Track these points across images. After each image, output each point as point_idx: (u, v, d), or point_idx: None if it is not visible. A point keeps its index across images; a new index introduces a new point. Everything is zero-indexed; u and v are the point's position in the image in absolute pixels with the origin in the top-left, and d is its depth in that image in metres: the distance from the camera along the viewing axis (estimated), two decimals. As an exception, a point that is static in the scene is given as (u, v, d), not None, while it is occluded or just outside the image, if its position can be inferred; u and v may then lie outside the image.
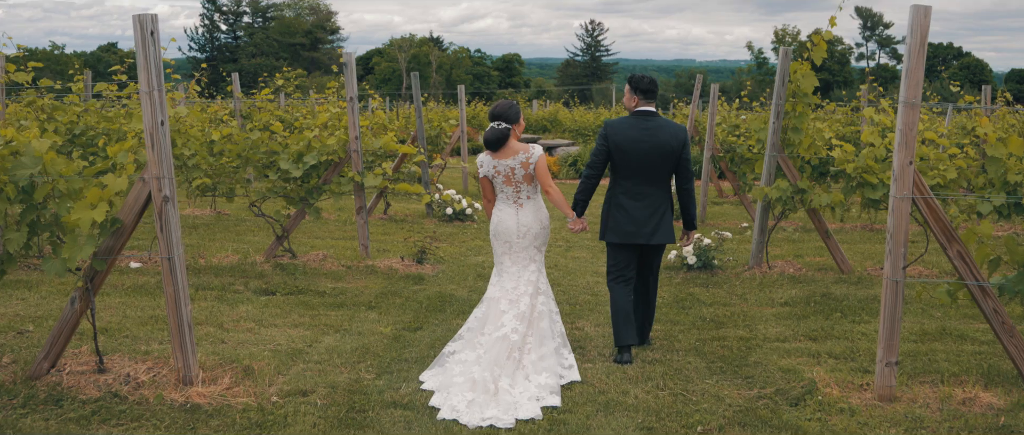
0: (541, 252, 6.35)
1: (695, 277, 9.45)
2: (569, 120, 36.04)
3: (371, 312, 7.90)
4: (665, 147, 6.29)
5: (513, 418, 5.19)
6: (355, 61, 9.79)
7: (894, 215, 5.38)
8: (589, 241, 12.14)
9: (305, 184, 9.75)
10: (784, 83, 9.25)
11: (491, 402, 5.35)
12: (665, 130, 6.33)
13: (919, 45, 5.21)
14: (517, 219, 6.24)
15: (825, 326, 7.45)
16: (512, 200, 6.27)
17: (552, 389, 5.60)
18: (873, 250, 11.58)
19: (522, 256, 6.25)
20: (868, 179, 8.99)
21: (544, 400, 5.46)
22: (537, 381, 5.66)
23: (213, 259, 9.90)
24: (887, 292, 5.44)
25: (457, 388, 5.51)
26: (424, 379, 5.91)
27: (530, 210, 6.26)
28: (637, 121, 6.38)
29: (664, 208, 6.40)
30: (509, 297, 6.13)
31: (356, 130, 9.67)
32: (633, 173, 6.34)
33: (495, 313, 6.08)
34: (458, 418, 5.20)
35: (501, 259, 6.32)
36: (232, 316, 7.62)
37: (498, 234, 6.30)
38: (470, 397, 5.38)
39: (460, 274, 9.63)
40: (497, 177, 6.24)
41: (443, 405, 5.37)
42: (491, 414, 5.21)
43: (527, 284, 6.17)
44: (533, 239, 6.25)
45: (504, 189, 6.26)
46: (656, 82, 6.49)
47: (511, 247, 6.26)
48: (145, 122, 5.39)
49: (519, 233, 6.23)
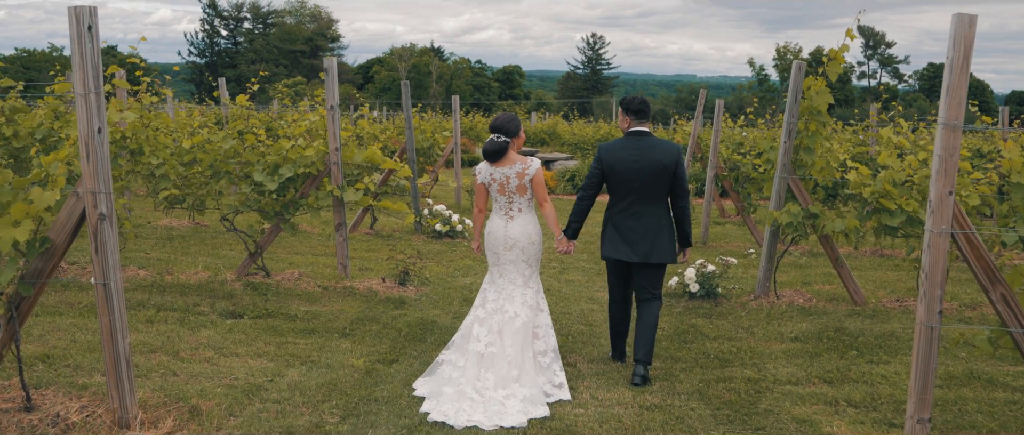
0: (532, 267, 6.32)
1: (697, 306, 8.78)
2: (568, 133, 35.42)
3: (344, 340, 7.23)
4: (658, 166, 6.32)
5: (497, 424, 5.31)
6: (337, 66, 9.11)
7: (930, 252, 4.71)
8: (584, 263, 11.47)
9: (281, 198, 9.09)
10: (796, 99, 8.60)
11: (478, 409, 5.49)
12: (658, 149, 6.37)
13: (962, 58, 4.57)
14: (505, 231, 6.24)
15: (841, 367, 6.77)
16: (504, 211, 6.28)
17: (536, 401, 5.64)
18: (885, 278, 10.92)
19: (511, 270, 6.25)
20: (886, 204, 8.34)
21: (530, 412, 5.50)
22: (522, 394, 5.68)
23: (181, 276, 9.22)
24: (920, 340, 4.77)
25: (446, 397, 5.64)
26: (416, 386, 5.99)
27: (519, 224, 6.24)
28: (630, 142, 6.42)
29: (661, 226, 6.42)
30: (492, 308, 6.15)
31: (337, 141, 9.00)
32: (628, 193, 6.38)
33: (478, 323, 6.10)
34: (446, 421, 5.35)
35: (491, 270, 6.35)
36: (191, 342, 6.94)
37: (487, 243, 6.35)
38: (457, 406, 5.52)
39: (445, 298, 8.96)
40: (492, 185, 6.25)
41: (434, 410, 5.50)
42: (477, 418, 5.37)
43: (511, 298, 6.16)
44: (521, 253, 6.23)
45: (498, 199, 6.27)
46: (647, 102, 6.57)
47: (498, 258, 6.27)
48: (80, 129, 4.73)
49: (505, 245, 6.23)
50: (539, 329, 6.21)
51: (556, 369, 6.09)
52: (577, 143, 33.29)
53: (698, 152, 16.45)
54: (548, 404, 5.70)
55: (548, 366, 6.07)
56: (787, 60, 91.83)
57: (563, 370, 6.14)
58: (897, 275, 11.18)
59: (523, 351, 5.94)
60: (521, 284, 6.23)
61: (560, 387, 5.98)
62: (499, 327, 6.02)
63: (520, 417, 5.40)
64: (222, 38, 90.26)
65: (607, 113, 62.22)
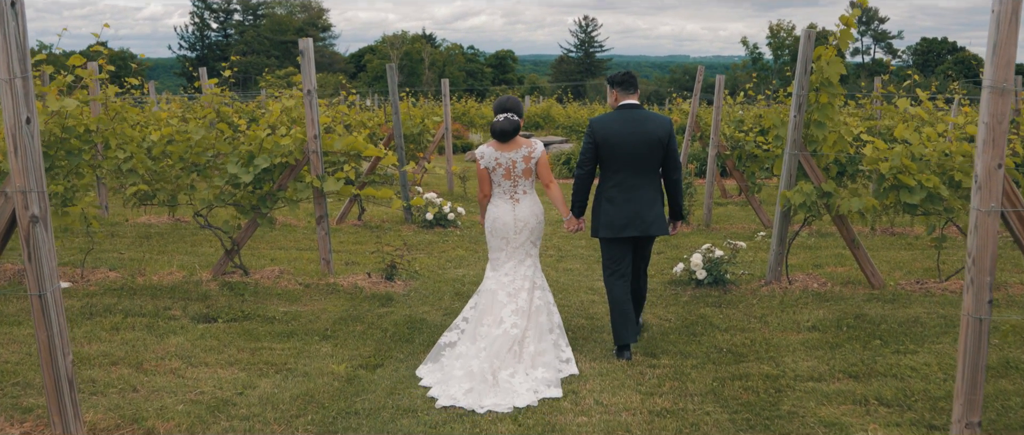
0: (536, 247, 6.35)
1: (705, 295, 8.20)
2: (562, 116, 34.81)
3: (325, 344, 6.65)
4: (651, 137, 6.26)
5: (511, 405, 5.21)
6: (312, 50, 8.48)
7: (978, 233, 4.13)
8: (583, 250, 10.90)
9: (257, 190, 8.50)
10: (806, 71, 8.01)
11: (490, 391, 5.37)
12: (650, 121, 6.31)
13: (1011, 11, 3.98)
14: (514, 214, 6.22)
15: (865, 359, 6.21)
16: (508, 195, 6.25)
17: (549, 382, 5.58)
18: (899, 258, 10.35)
19: (518, 252, 6.25)
20: (904, 180, 7.77)
21: (541, 393, 5.43)
22: (535, 375, 5.62)
23: (153, 277, 8.64)
24: (968, 334, 4.20)
25: (455, 380, 5.51)
26: (421, 374, 5.84)
27: (526, 205, 6.25)
28: (621, 115, 6.35)
29: (656, 199, 6.38)
30: (507, 290, 6.12)
31: (315, 128, 8.40)
32: (622, 166, 6.31)
33: (494, 305, 6.07)
34: (456, 404, 5.23)
35: (497, 254, 6.30)
36: (158, 351, 6.37)
37: (495, 230, 6.26)
38: (468, 386, 5.40)
39: (435, 292, 8.38)
40: (497, 170, 6.21)
41: (441, 395, 5.37)
42: (490, 402, 5.23)
43: (523, 279, 6.17)
44: (529, 234, 6.26)
45: (502, 183, 6.23)
46: (632, 74, 6.52)
47: (508, 243, 6.24)
48: (5, 120, 4.14)
49: (516, 229, 6.22)
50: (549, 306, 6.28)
51: (562, 345, 6.11)
52: (572, 126, 32.66)
53: (697, 131, 15.85)
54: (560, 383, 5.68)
55: (555, 342, 6.07)
56: (780, 38, 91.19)
57: (569, 345, 6.18)
58: (911, 254, 10.62)
59: (541, 330, 6.00)
60: (529, 264, 6.27)
61: (568, 362, 5.98)
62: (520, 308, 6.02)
63: (530, 396, 5.35)
64: (212, 31, 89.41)
65: (601, 96, 61.49)
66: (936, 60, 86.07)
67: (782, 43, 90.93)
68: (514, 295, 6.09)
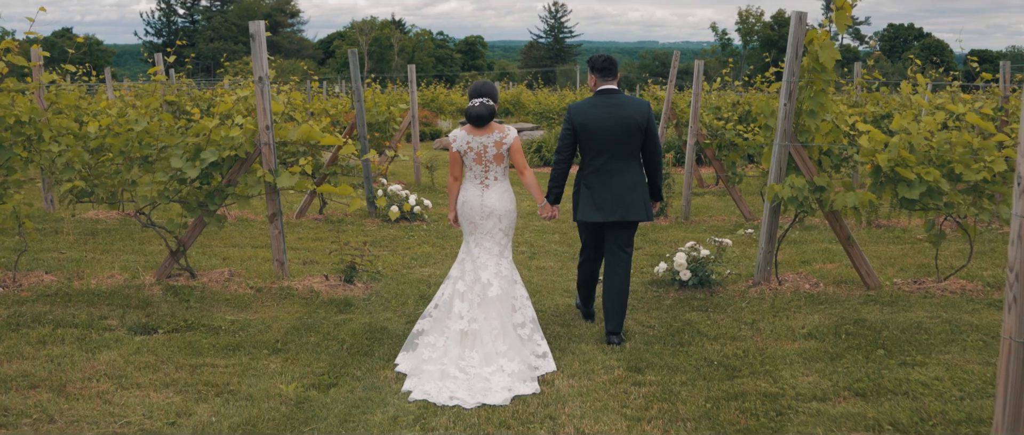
0: (508, 237, 6.20)
1: (690, 297, 7.62)
2: (533, 103, 34.23)
3: (274, 358, 6.01)
4: (630, 121, 6.23)
5: (479, 401, 5.15)
6: (263, 33, 7.78)
7: (1020, 244, 3.55)
8: (556, 245, 10.30)
9: (205, 186, 7.81)
10: (797, 55, 7.44)
11: (461, 386, 5.33)
12: (629, 105, 6.29)
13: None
14: (482, 200, 6.09)
15: (871, 373, 5.65)
16: (479, 180, 6.13)
17: (523, 377, 5.47)
18: (888, 253, 9.83)
19: (487, 241, 6.10)
20: (903, 174, 7.22)
21: (515, 389, 5.33)
22: (509, 369, 5.52)
23: (92, 281, 7.93)
24: (1010, 360, 3.62)
25: (427, 375, 5.48)
26: (398, 361, 5.86)
27: (495, 192, 6.11)
28: (600, 100, 6.33)
29: (636, 184, 6.32)
30: (469, 279, 5.98)
31: (267, 118, 7.72)
32: (602, 151, 6.27)
33: (457, 296, 5.94)
34: (428, 398, 5.21)
35: (467, 240, 6.19)
36: (85, 371, 5.69)
37: (463, 215, 6.18)
38: (440, 384, 5.36)
39: (399, 296, 7.74)
40: (468, 154, 6.10)
41: (415, 389, 5.34)
42: (461, 395, 5.21)
43: (494, 275, 5.98)
44: (498, 221, 6.10)
45: (473, 167, 6.12)
46: (613, 59, 6.46)
47: (476, 228, 6.12)
48: None
49: (482, 214, 6.08)
50: (515, 300, 6.07)
51: (537, 339, 5.97)
52: (542, 112, 32.06)
53: (673, 118, 15.27)
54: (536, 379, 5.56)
55: (529, 337, 5.95)
56: (749, 24, 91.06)
57: (544, 339, 6.01)
58: (901, 249, 10.11)
59: (504, 323, 5.80)
60: (496, 254, 6.09)
61: (544, 356, 5.86)
62: (478, 300, 5.87)
63: (504, 394, 5.25)
64: (179, 17, 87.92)
65: (571, 81, 60.96)
66: (903, 46, 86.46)
67: (751, 29, 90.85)
68: (480, 285, 5.93)
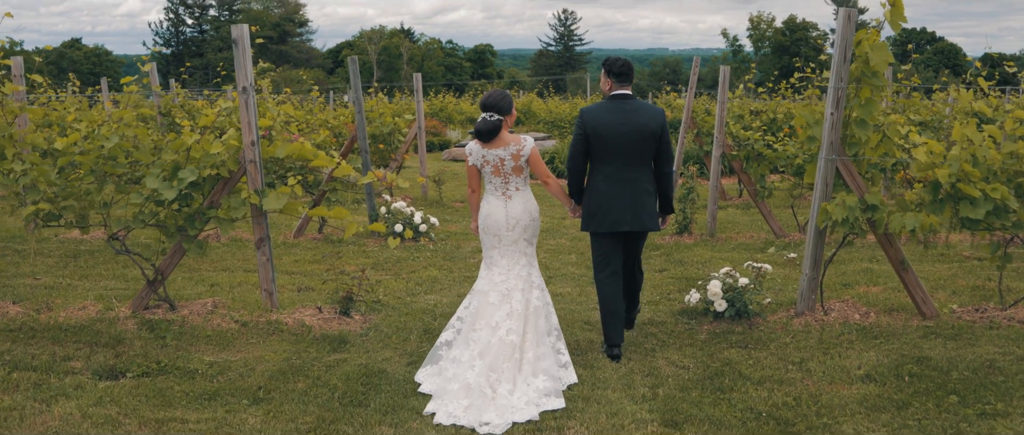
0: (532, 245, 6.08)
1: (727, 331, 6.78)
2: (544, 111, 33.46)
3: (254, 410, 5.21)
4: (644, 129, 6.05)
5: (510, 421, 5.01)
6: (248, 38, 6.99)
7: None
8: (574, 268, 9.48)
9: (185, 208, 7.03)
10: (846, 59, 6.62)
11: (489, 405, 5.15)
12: (643, 112, 6.12)
13: None
14: (506, 211, 5.96)
15: (948, 426, 4.82)
16: (500, 192, 6.00)
17: (549, 392, 5.34)
18: (936, 273, 8.99)
19: (512, 250, 5.98)
20: (965, 191, 6.40)
21: (543, 405, 5.22)
22: (536, 385, 5.37)
23: (62, 313, 7.15)
24: None
25: (452, 395, 5.26)
26: (420, 380, 5.70)
27: (519, 202, 5.99)
28: (613, 105, 6.15)
29: (649, 193, 6.14)
30: (499, 291, 5.82)
31: (253, 133, 6.94)
32: (613, 158, 6.09)
33: (485, 308, 5.77)
34: (457, 422, 5.02)
35: (490, 253, 6.03)
36: (37, 427, 4.91)
37: (487, 228, 6.01)
38: (466, 402, 5.16)
39: (400, 330, 6.93)
40: (486, 167, 5.97)
41: (439, 410, 5.15)
42: (488, 418, 5.04)
43: (517, 278, 5.88)
44: (523, 232, 5.98)
45: (492, 180, 5.99)
46: (631, 65, 6.27)
47: (500, 240, 5.98)
48: None
49: (508, 225, 5.95)
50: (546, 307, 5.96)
51: (561, 347, 5.86)
52: (554, 121, 31.27)
53: (694, 127, 14.44)
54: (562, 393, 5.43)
55: (553, 345, 5.81)
56: (760, 29, 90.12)
57: (566, 347, 5.90)
58: (949, 268, 9.26)
59: (538, 331, 5.70)
60: (525, 263, 5.97)
61: (565, 367, 5.75)
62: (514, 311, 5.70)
63: (531, 410, 5.12)
64: (188, 27, 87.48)
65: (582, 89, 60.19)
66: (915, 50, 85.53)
67: (762, 35, 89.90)
68: (507, 296, 5.78)
